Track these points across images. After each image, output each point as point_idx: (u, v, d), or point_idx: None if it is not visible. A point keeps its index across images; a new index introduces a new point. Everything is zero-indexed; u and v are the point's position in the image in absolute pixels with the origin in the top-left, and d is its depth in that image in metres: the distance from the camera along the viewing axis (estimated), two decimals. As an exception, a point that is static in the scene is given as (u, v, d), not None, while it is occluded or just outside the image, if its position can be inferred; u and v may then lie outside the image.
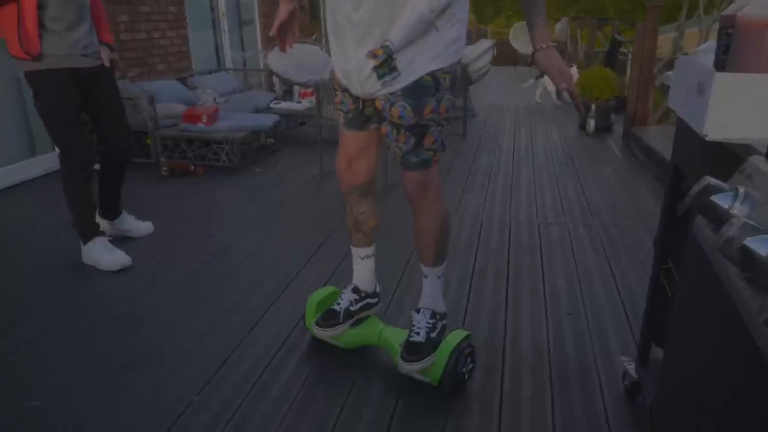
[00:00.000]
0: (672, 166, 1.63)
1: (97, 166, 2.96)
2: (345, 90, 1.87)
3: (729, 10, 1.18)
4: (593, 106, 6.24)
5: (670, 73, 1.51)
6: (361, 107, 1.86)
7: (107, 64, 2.86)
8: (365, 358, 2.14)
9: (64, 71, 2.65)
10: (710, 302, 0.97)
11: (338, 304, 2.14)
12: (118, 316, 2.44)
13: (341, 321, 2.11)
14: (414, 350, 1.91)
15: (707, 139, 1.11)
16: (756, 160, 0.98)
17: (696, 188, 0.93)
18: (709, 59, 1.26)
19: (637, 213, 3.73)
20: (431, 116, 1.76)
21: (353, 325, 2.15)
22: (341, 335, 2.13)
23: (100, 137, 2.97)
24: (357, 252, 2.14)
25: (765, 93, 1.05)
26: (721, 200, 0.87)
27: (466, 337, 2.00)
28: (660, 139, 4.94)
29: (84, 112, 2.84)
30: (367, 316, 2.20)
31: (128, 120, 3.25)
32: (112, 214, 3.19)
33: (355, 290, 2.16)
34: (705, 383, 1.01)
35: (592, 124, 6.25)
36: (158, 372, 2.05)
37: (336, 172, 2.05)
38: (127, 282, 2.75)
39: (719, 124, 1.09)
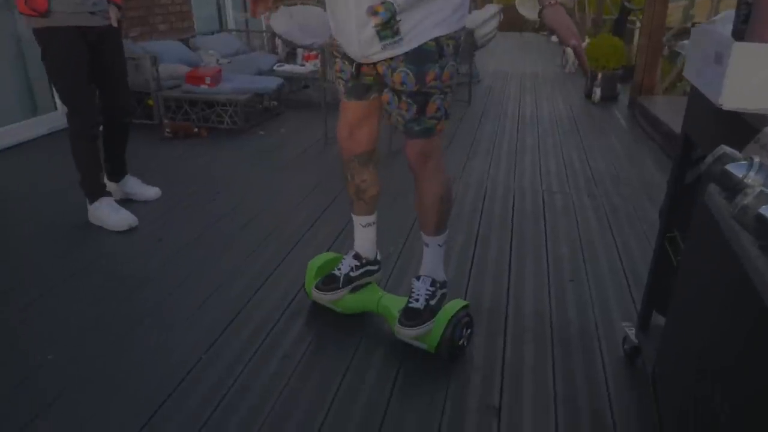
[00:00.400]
0: (682, 134, 1.63)
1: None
2: (344, 57, 1.85)
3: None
4: (599, 75, 6.17)
5: (685, 42, 1.50)
6: (358, 75, 1.83)
7: (115, 24, 2.82)
8: (369, 323, 2.17)
9: (72, 29, 2.62)
10: (720, 268, 0.98)
11: (339, 269, 2.16)
12: (125, 275, 2.47)
13: (341, 286, 2.13)
14: (412, 316, 1.93)
15: (723, 108, 1.11)
16: (771, 130, 0.99)
17: (711, 157, 0.93)
18: (727, 29, 1.25)
19: (641, 183, 3.73)
20: (434, 83, 1.73)
21: (352, 291, 2.17)
22: (340, 300, 2.16)
23: (102, 97, 2.95)
24: (358, 220, 2.16)
25: (783, 62, 1.05)
26: (736, 169, 0.87)
27: (465, 307, 2.00)
28: (667, 110, 4.90)
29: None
30: (367, 283, 2.22)
31: (131, 80, 3.22)
32: (117, 175, 3.19)
33: (356, 256, 2.17)
34: (709, 347, 1.03)
35: (597, 93, 6.20)
36: (166, 331, 2.08)
37: (337, 140, 2.05)
38: (133, 242, 2.77)
39: (736, 94, 1.09)
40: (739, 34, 1.16)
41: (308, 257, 2.36)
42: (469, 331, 2.02)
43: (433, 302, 1.98)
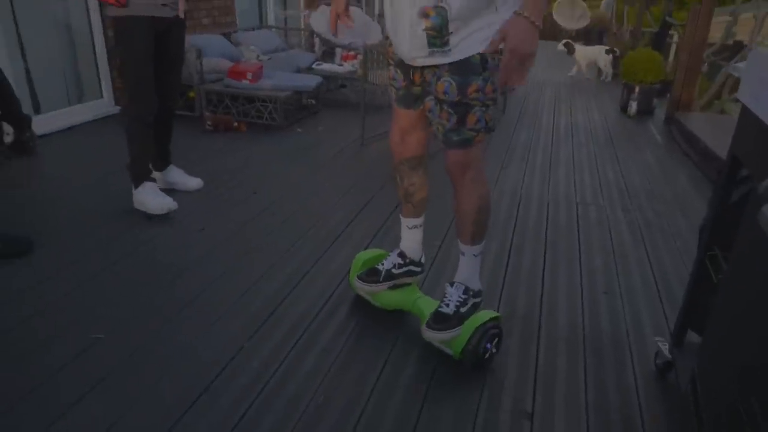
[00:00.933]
0: (729, 154, 1.65)
1: None
2: (398, 65, 1.91)
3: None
4: (637, 89, 6.15)
5: (741, 64, 1.53)
6: (409, 84, 1.89)
7: (182, 16, 2.95)
8: (406, 322, 2.22)
9: (146, 19, 2.76)
10: (770, 289, 1.02)
11: (382, 264, 2.23)
12: (170, 262, 2.56)
13: (381, 280, 2.20)
14: (440, 320, 1.97)
15: (778, 132, 1.15)
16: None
17: (768, 180, 0.97)
18: (785, 54, 1.28)
19: (675, 200, 3.73)
20: (476, 95, 1.75)
21: (393, 288, 2.23)
22: (378, 294, 2.23)
23: (156, 84, 3.05)
24: (405, 222, 2.21)
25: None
26: (794, 193, 0.91)
27: (495, 318, 2.00)
28: (704, 128, 4.87)
29: None
30: (408, 283, 2.28)
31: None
32: (161, 162, 3.29)
33: (401, 255, 2.23)
34: (754, 362, 1.07)
35: (633, 106, 6.18)
36: (209, 317, 2.16)
37: (389, 143, 2.11)
38: (176, 231, 2.87)
39: (793, 119, 1.12)
40: (797, 62, 1.19)
41: (345, 256, 2.43)
42: (497, 341, 2.01)
43: (463, 309, 2.00)
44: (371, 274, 2.22)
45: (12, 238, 2.58)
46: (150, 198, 2.97)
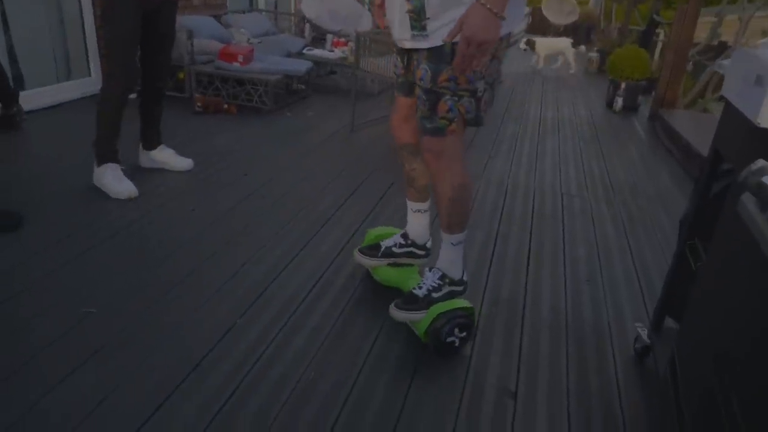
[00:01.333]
0: (712, 148, 1.71)
1: (133, 96, 3.04)
2: (398, 52, 1.95)
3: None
4: (623, 85, 6.23)
5: (725, 61, 1.58)
6: (406, 71, 1.92)
7: None
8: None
9: (134, 0, 2.73)
10: (749, 273, 1.07)
11: (384, 241, 2.30)
12: (158, 242, 2.57)
13: (378, 255, 2.29)
14: (409, 300, 2.02)
15: (760, 126, 1.20)
16: (806, 150, 1.07)
17: (749, 169, 1.02)
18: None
19: (658, 195, 3.81)
20: (446, 84, 1.75)
21: (393, 265, 2.30)
22: (376, 268, 2.32)
23: (145, 64, 3.04)
24: (410, 205, 2.26)
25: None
26: (773, 182, 0.96)
27: (465, 309, 1.99)
28: (688, 126, 4.97)
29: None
30: (410, 264, 2.33)
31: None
32: (151, 143, 3.29)
33: (404, 236, 2.30)
34: (729, 344, 1.13)
35: (619, 102, 6.26)
36: (201, 295, 2.19)
37: (390, 128, 2.15)
38: (165, 211, 2.87)
39: (775, 114, 1.17)
40: (781, 59, 1.24)
41: (334, 240, 2.46)
42: (464, 333, 1.99)
43: (435, 295, 2.01)
44: (372, 248, 2.31)
45: (3, 212, 2.57)
46: (109, 180, 2.94)
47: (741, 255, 1.14)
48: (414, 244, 2.30)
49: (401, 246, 2.28)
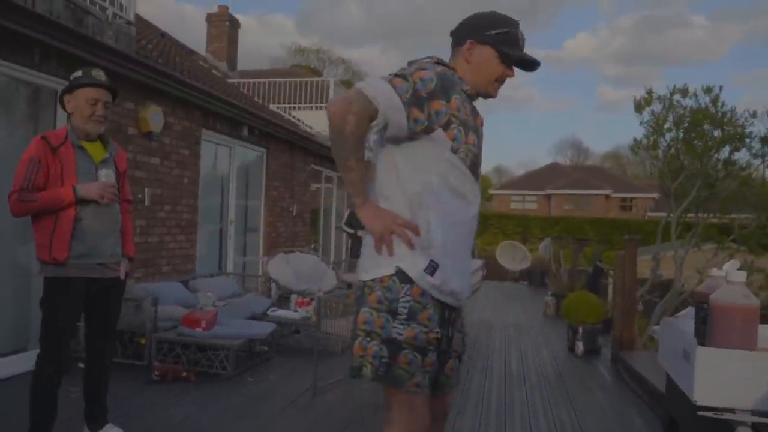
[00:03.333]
0: (666, 415, 1.72)
1: (80, 365, 2.96)
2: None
3: (701, 288, 1.38)
4: (580, 330, 6.42)
5: (656, 327, 1.68)
6: None
7: (122, 277, 3.00)
8: None
9: (82, 281, 2.78)
10: None
11: None
12: None
13: None
14: None
15: (697, 404, 1.23)
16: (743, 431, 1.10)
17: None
18: (690, 325, 1.43)
19: (633, 446, 3.67)
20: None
21: None
22: None
23: (89, 337, 3.01)
24: None
25: (742, 367, 1.20)
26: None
27: None
28: (650, 368, 5.01)
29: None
30: None
31: (129, 320, 3.29)
32: (96, 423, 3.08)
33: None
34: None
35: (580, 346, 6.38)
36: None
37: None
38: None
39: (706, 392, 1.21)
40: (701, 336, 1.33)
41: None
42: None
43: None
44: None
45: None
46: None
47: None
48: None
49: None
